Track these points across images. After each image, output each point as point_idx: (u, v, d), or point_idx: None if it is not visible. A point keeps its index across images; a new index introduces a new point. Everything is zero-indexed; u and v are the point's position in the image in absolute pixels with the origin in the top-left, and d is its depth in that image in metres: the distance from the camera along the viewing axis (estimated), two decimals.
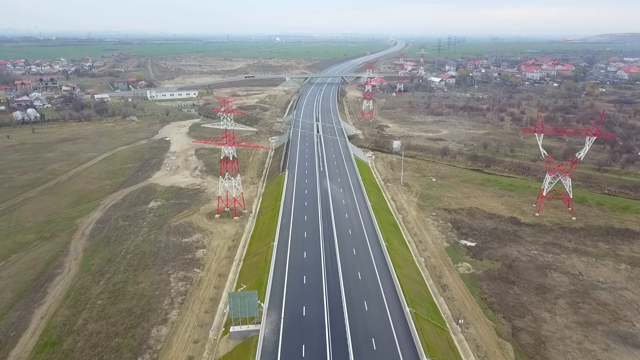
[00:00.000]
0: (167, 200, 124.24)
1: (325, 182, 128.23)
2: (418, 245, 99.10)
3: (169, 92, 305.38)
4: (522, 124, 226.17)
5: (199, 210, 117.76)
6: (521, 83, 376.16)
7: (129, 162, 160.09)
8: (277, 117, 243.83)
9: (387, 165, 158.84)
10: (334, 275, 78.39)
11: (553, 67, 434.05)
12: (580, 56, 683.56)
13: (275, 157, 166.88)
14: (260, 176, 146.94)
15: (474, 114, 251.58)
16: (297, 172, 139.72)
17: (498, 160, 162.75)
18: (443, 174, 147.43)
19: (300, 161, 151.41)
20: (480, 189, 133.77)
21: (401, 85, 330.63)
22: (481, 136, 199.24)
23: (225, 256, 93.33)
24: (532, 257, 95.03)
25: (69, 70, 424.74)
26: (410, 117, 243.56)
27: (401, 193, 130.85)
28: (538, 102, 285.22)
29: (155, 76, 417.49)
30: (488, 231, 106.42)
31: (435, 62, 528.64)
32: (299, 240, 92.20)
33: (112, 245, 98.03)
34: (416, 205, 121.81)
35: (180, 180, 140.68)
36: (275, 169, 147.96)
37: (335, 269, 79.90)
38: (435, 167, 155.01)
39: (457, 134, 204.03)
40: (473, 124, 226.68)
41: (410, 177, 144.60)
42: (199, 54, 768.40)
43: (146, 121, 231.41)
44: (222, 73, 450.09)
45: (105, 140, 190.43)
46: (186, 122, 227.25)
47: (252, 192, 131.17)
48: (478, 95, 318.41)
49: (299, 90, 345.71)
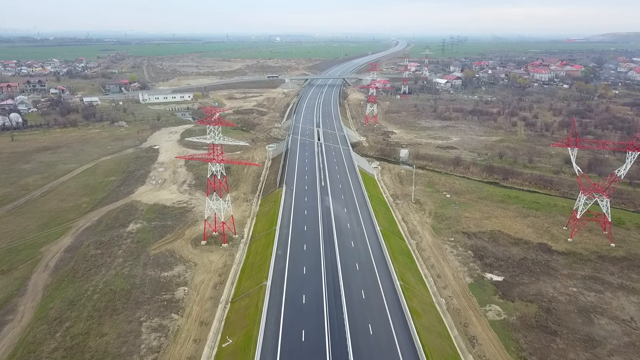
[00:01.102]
0: (149, 221, 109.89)
1: (327, 200, 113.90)
2: (437, 280, 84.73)
3: (163, 95, 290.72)
4: (536, 130, 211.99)
5: (184, 234, 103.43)
6: (530, 84, 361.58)
7: (111, 175, 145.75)
8: (275, 122, 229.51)
9: (395, 178, 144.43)
10: (339, 329, 64.04)
11: (562, 68, 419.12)
12: (586, 56, 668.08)
13: (272, 169, 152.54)
14: (255, 191, 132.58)
15: (484, 118, 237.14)
16: (296, 187, 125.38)
17: (516, 172, 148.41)
18: (458, 189, 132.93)
19: (300, 174, 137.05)
20: (501, 208, 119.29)
21: (406, 88, 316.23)
22: (494, 144, 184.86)
23: (210, 296, 78.98)
24: (571, 295, 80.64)
25: (60, 71, 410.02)
26: (417, 122, 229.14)
27: (413, 212, 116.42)
28: (550, 105, 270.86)
29: (150, 78, 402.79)
30: (516, 261, 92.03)
31: (439, 63, 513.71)
32: (296, 279, 77.84)
33: (79, 281, 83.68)
34: (431, 227, 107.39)
35: (165, 197, 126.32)
36: (272, 183, 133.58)
37: (341, 320, 65.63)
38: (448, 181, 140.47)
39: (469, 141, 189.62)
40: (484, 130, 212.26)
41: (422, 193, 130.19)
42: (197, 54, 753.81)
43: (136, 127, 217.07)
44: (219, 74, 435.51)
45: (89, 149, 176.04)
46: (178, 128, 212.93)
47: (245, 212, 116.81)
48: (486, 98, 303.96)
49: (299, 92, 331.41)
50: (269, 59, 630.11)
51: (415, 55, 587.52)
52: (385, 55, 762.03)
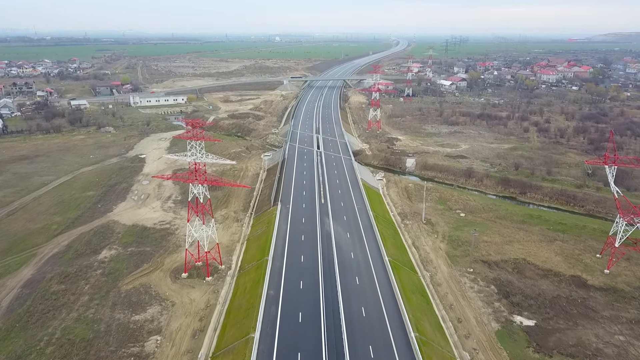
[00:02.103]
0: (125, 247, 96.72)
1: (327, 222, 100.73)
2: (457, 326, 71.52)
3: (155, 98, 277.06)
4: (550, 136, 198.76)
5: (163, 264, 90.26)
6: (537, 86, 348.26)
7: (90, 189, 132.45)
8: (272, 128, 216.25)
9: (402, 193, 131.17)
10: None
11: (569, 69, 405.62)
12: (591, 57, 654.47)
13: (267, 181, 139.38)
14: (247, 209, 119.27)
15: (493, 123, 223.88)
16: (293, 205, 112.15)
17: (535, 185, 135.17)
18: (473, 207, 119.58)
19: (297, 189, 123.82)
20: (523, 230, 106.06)
21: (409, 90, 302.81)
22: (507, 152, 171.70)
23: (187, 349, 65.82)
24: (619, 347, 67.53)
25: (51, 72, 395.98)
26: (422, 127, 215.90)
27: (424, 235, 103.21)
28: (562, 109, 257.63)
29: (144, 79, 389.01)
30: (548, 300, 78.84)
31: (442, 63, 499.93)
32: (290, 330, 64.59)
33: (32, 328, 70.47)
34: (445, 255, 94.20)
35: (147, 216, 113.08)
36: (266, 200, 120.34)
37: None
38: (461, 197, 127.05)
39: (479, 149, 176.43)
40: (495, 136, 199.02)
41: (433, 211, 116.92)
42: (194, 54, 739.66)
43: (123, 133, 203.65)
44: (216, 75, 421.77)
45: (70, 159, 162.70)
46: (168, 135, 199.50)
47: (234, 234, 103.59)
48: (493, 101, 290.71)
49: (298, 94, 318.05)
50: (267, 59, 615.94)
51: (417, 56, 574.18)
52: (387, 55, 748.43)
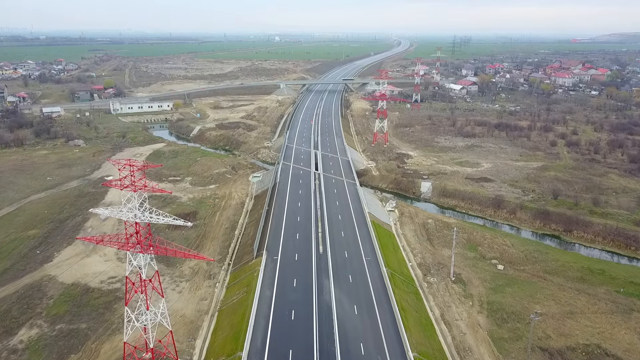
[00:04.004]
0: (53, 322, 71.45)
1: (326, 286, 75.46)
2: None
3: (137, 104, 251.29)
4: (581, 151, 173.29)
5: (99, 352, 65.04)
6: (554, 91, 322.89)
7: (33, 226, 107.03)
8: (265, 140, 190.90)
9: (421, 232, 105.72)
10: None
11: (586, 72, 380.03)
12: (602, 57, 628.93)
13: (253, 215, 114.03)
14: (224, 256, 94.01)
15: (514, 135, 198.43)
16: (282, 257, 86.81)
17: (582, 221, 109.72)
18: (512, 255, 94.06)
19: (289, 230, 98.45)
20: (584, 292, 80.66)
21: (417, 96, 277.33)
22: (537, 173, 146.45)
23: None
24: None
25: (32, 74, 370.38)
26: (435, 140, 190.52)
27: (455, 303, 77.81)
28: (587, 118, 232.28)
29: (130, 82, 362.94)
30: None
31: (449, 65, 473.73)
32: None
33: None
34: (489, 339, 68.81)
35: (95, 269, 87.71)
36: (249, 245, 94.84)
37: None
38: (495, 239, 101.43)
39: (504, 169, 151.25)
40: (519, 152, 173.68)
41: (461, 260, 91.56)
42: (189, 54, 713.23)
43: (95, 147, 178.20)
44: (208, 78, 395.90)
45: (22, 182, 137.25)
46: (145, 149, 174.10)
47: (203, 300, 78.28)
48: (509, 108, 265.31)
49: (296, 99, 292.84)
50: (264, 60, 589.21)
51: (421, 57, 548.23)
52: (389, 56, 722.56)
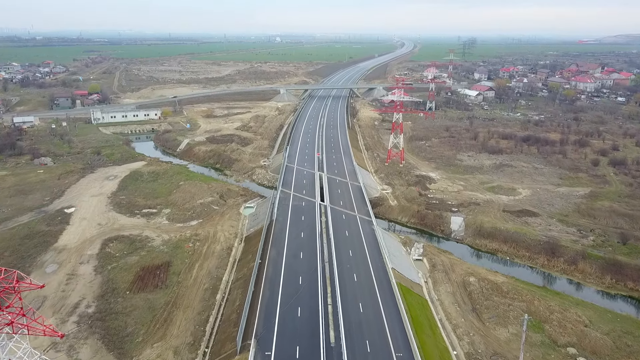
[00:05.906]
0: None
1: None
2: None
3: (122, 112, 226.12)
4: (630, 172, 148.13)
5: None
6: (576, 97, 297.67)
7: None
8: (261, 158, 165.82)
9: (462, 297, 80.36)
10: None
11: (608, 76, 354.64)
12: (616, 60, 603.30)
13: (241, 268, 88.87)
14: (198, 341, 68.73)
15: (545, 150, 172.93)
16: (277, 353, 61.58)
17: None
18: (594, 341, 68.46)
19: (287, 305, 72.82)
20: None
21: (432, 104, 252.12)
22: (588, 202, 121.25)
23: None
24: None
25: (14, 78, 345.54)
26: (457, 158, 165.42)
27: None
28: (624, 130, 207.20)
29: (119, 87, 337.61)
30: None
31: (459, 68, 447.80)
32: None
33: None
34: None
35: None
36: (232, 327, 69.57)
37: None
38: (566, 312, 75.44)
39: (546, 197, 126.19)
40: (558, 173, 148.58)
41: (526, 349, 66.19)
42: (187, 56, 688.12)
43: (64, 165, 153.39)
44: (204, 82, 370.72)
45: None
46: (121, 170, 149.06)
47: None
48: (533, 117, 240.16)
49: (297, 106, 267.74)
50: (264, 62, 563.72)
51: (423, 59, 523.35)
52: (394, 57, 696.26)
